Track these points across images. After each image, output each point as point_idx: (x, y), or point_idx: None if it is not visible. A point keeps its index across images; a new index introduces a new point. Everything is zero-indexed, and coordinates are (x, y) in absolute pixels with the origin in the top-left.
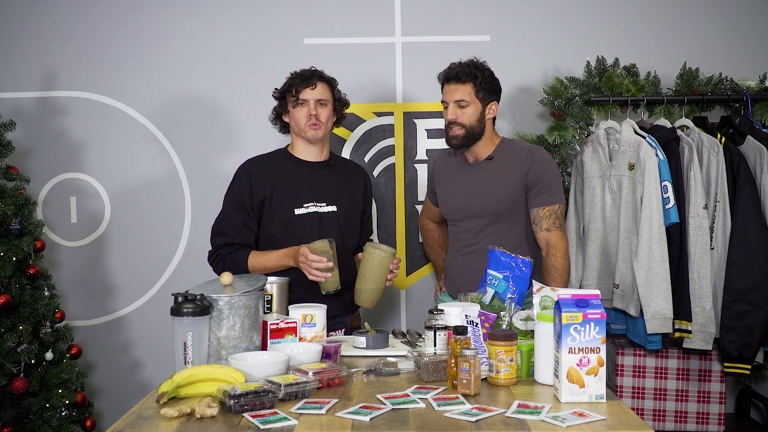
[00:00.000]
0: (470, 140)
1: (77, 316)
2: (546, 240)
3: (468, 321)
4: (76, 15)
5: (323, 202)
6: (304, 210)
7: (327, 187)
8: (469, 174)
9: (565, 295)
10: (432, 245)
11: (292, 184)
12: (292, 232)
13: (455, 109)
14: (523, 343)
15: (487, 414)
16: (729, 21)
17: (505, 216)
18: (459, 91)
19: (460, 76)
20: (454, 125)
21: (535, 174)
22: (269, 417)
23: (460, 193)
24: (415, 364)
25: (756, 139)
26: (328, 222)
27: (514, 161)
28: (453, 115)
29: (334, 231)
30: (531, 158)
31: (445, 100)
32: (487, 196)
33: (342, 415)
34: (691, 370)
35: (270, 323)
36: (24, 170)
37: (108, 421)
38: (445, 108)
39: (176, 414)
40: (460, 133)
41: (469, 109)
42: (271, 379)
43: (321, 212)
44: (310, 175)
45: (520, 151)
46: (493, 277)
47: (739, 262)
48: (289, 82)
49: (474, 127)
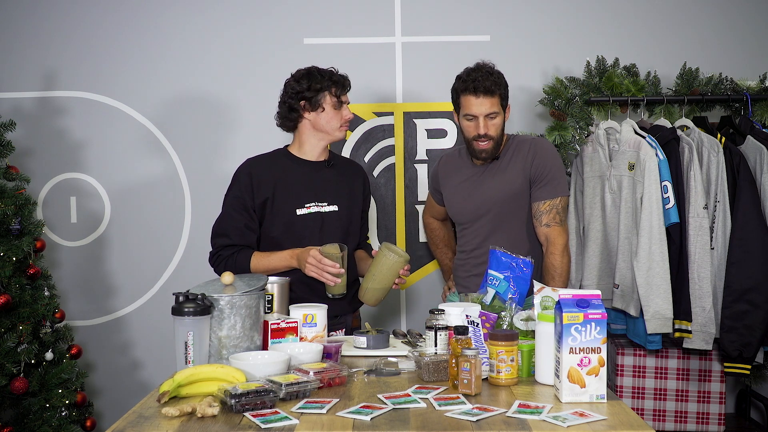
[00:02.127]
0: (497, 150)
1: (77, 316)
2: (545, 236)
3: (469, 321)
4: (76, 15)
5: (324, 202)
6: (306, 210)
7: (328, 186)
8: (476, 175)
9: (566, 295)
10: (437, 243)
11: (293, 184)
12: (294, 232)
13: (486, 122)
14: (523, 343)
15: (487, 414)
16: (729, 21)
17: (514, 214)
18: (490, 103)
19: (492, 88)
20: (483, 138)
21: (538, 166)
22: (270, 416)
23: (468, 196)
24: (415, 364)
25: (756, 139)
26: (330, 222)
27: (518, 157)
28: (485, 128)
29: (336, 231)
30: (534, 151)
31: (473, 113)
32: (494, 198)
33: (343, 415)
34: (691, 370)
35: (271, 323)
36: (24, 170)
37: (108, 421)
38: (470, 120)
39: (177, 413)
40: (489, 146)
41: (498, 119)
42: (272, 378)
43: (323, 212)
44: (311, 174)
45: (523, 146)
46: (494, 277)
47: (739, 262)
48: (322, 80)
49: (500, 137)
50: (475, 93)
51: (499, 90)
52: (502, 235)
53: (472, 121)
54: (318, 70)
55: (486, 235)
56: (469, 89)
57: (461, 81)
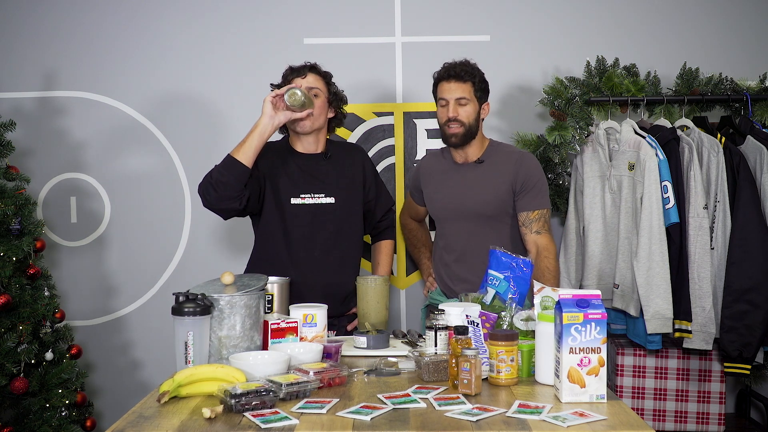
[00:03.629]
0: (468, 138)
1: (77, 316)
2: (536, 242)
3: (469, 321)
4: (76, 15)
5: (321, 194)
6: (299, 200)
7: (325, 178)
8: (459, 175)
9: (566, 295)
10: (416, 244)
11: (290, 174)
12: (286, 220)
13: (456, 106)
14: (523, 343)
15: (487, 414)
16: (729, 21)
17: (493, 218)
18: (460, 88)
19: (462, 74)
20: (453, 123)
21: (525, 177)
22: (270, 416)
23: (449, 194)
24: (415, 364)
25: (756, 139)
26: (323, 214)
27: (503, 165)
28: (454, 112)
29: (330, 222)
30: (520, 162)
31: (444, 97)
32: (477, 198)
33: (343, 415)
34: (691, 370)
35: (271, 323)
36: (24, 170)
37: (108, 421)
38: (443, 106)
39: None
40: (459, 131)
41: (469, 107)
42: (272, 378)
43: (316, 203)
44: (307, 166)
45: (509, 155)
46: (494, 277)
47: (739, 262)
48: (283, 76)
49: (472, 126)
50: (447, 78)
51: (471, 78)
52: (479, 235)
53: (444, 106)
54: (286, 72)
55: (464, 235)
56: (443, 76)
57: (437, 71)
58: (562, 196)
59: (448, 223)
